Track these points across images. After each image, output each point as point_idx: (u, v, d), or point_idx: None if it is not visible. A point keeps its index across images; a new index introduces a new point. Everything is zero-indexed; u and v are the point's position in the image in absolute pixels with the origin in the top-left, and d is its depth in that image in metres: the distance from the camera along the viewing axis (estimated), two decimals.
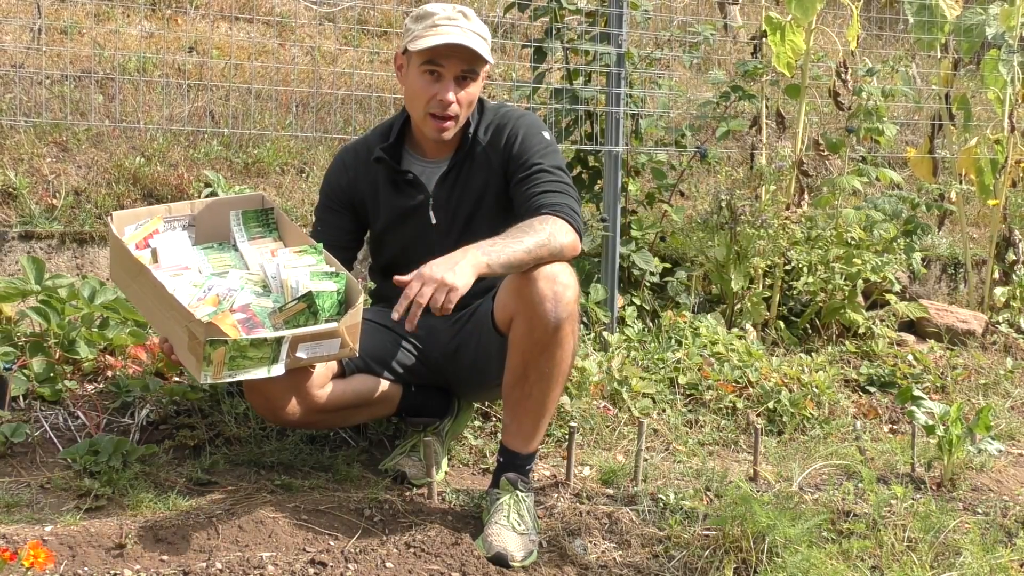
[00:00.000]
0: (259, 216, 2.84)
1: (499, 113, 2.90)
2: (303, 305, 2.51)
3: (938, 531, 2.70)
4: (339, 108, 4.75)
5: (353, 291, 2.60)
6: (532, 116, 2.92)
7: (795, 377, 3.91)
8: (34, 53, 4.57)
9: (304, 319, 2.53)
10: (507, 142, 2.83)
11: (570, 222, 2.65)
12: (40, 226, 3.88)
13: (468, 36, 2.73)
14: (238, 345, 2.38)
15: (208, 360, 2.36)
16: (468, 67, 2.76)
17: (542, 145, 2.81)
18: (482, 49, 2.74)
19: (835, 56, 4.76)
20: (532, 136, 2.82)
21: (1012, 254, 5.24)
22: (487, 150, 2.86)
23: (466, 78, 2.77)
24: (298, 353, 2.50)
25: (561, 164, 2.81)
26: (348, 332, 2.54)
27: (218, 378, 2.40)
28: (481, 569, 2.47)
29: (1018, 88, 5.17)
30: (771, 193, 4.71)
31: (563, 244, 2.59)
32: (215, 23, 5.63)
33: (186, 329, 2.41)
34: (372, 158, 2.92)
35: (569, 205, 2.69)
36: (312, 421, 2.82)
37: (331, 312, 2.56)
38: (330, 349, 2.55)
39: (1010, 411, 4.14)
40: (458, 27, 2.73)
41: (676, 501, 2.85)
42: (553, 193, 2.71)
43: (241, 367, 2.41)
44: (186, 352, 2.45)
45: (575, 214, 2.69)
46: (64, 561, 2.28)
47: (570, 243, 2.62)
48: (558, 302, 2.55)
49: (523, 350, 2.61)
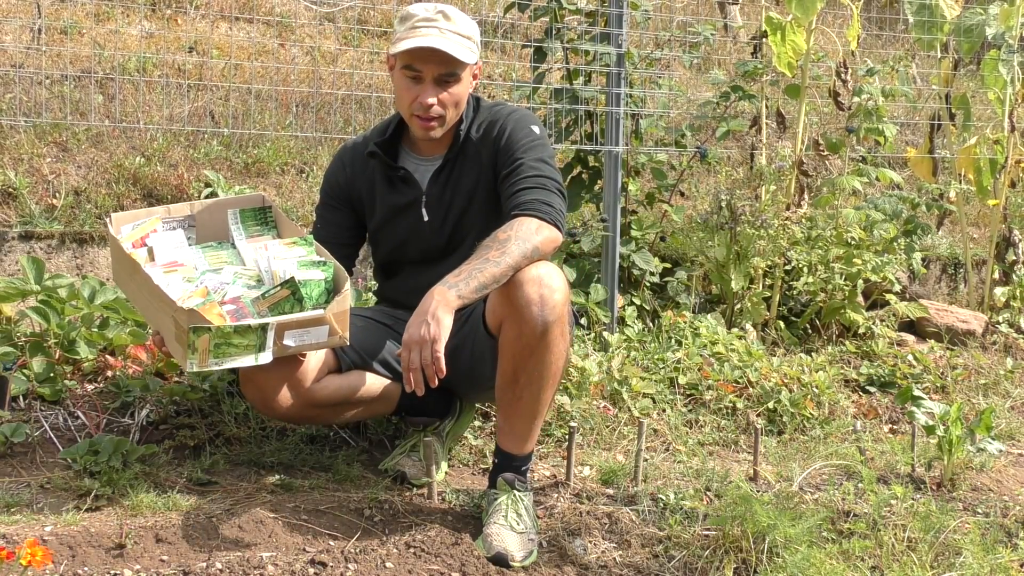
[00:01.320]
0: (257, 214, 2.85)
1: (492, 111, 2.89)
2: (287, 292, 2.52)
3: (938, 531, 2.70)
4: (339, 108, 4.75)
5: (340, 279, 2.61)
6: (523, 111, 2.90)
7: (795, 377, 3.91)
8: (34, 53, 4.57)
9: (289, 306, 2.53)
10: (496, 137, 2.82)
11: (541, 216, 2.63)
12: (40, 226, 3.88)
13: (445, 38, 2.70)
14: (222, 332, 2.39)
15: (193, 348, 2.38)
16: (446, 70, 2.74)
17: (528, 139, 2.79)
18: (458, 51, 2.71)
19: (835, 56, 4.76)
20: (519, 130, 2.81)
21: (1012, 254, 5.24)
22: (479, 147, 2.85)
23: (447, 80, 2.75)
24: (285, 341, 2.50)
25: (544, 156, 2.77)
26: (336, 319, 2.54)
27: (204, 366, 2.41)
28: (481, 569, 2.47)
29: (1018, 88, 5.17)
30: (771, 193, 4.71)
31: (536, 243, 2.56)
32: (215, 23, 5.63)
33: (172, 319, 2.43)
34: (366, 152, 2.93)
35: (541, 199, 2.66)
36: (309, 416, 2.82)
37: (319, 300, 2.56)
38: (319, 337, 2.55)
39: (1010, 411, 4.14)
40: (436, 28, 2.70)
41: (676, 501, 2.85)
42: (527, 191, 2.69)
43: (227, 355, 2.42)
44: (174, 342, 2.47)
45: (548, 207, 2.65)
46: (64, 561, 2.27)
47: (543, 239, 2.59)
48: (544, 305, 2.53)
49: (512, 354, 2.60)
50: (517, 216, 2.63)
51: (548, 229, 2.62)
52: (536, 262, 2.56)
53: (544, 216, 2.64)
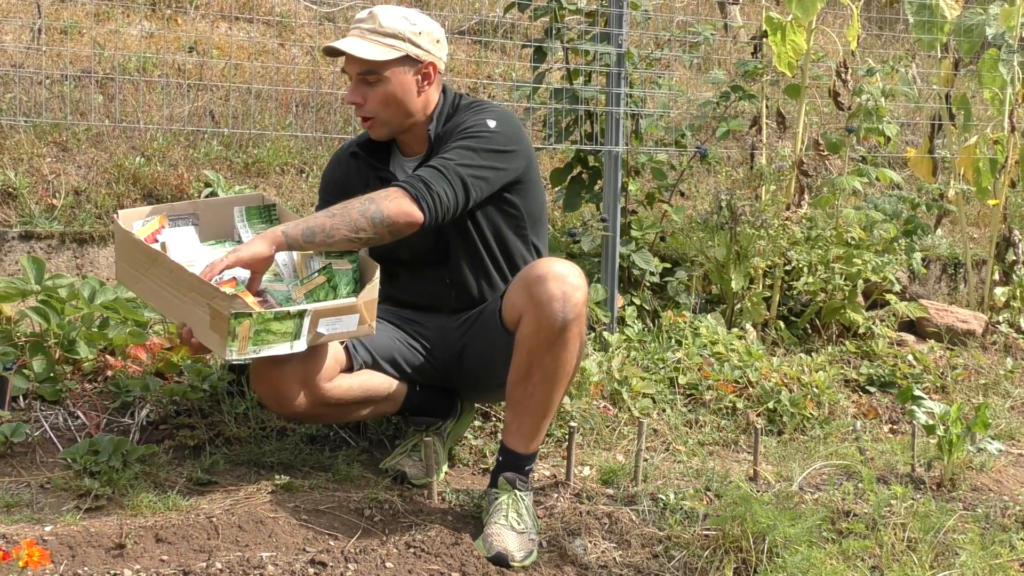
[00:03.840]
0: (262, 212, 2.87)
1: (470, 108, 2.86)
2: (323, 279, 2.54)
3: (938, 531, 2.70)
4: (339, 108, 4.75)
5: (368, 268, 2.62)
6: (496, 109, 2.86)
7: (795, 377, 3.91)
8: (34, 53, 4.57)
9: (324, 293, 2.55)
10: (454, 130, 2.80)
11: (407, 191, 2.60)
12: (40, 226, 3.88)
13: (356, 40, 2.73)
14: (263, 318, 2.40)
15: (233, 335, 2.37)
16: (362, 69, 2.75)
17: (474, 128, 2.75)
18: (368, 51, 2.71)
19: (835, 56, 4.76)
20: (470, 121, 2.78)
21: (1012, 254, 5.24)
22: (445, 143, 2.83)
23: (367, 79, 2.76)
24: (319, 328, 2.51)
25: (474, 145, 2.72)
26: (366, 308, 2.56)
27: (243, 353, 2.41)
28: (481, 569, 2.47)
29: (1018, 88, 5.17)
30: (771, 193, 4.71)
31: (383, 209, 2.55)
32: (215, 23, 5.63)
33: (208, 308, 2.41)
34: (348, 153, 2.96)
35: (423, 177, 2.63)
36: (318, 414, 2.81)
37: (348, 290, 2.59)
38: (349, 325, 2.56)
39: (1010, 411, 4.15)
40: (357, 28, 2.76)
41: (676, 501, 2.85)
42: (423, 168, 2.69)
43: (265, 342, 2.42)
44: (208, 331, 2.44)
45: (423, 186, 2.61)
46: (64, 561, 2.28)
47: (396, 209, 2.56)
48: (567, 302, 2.56)
49: (529, 348, 2.61)
50: (388, 189, 2.64)
51: (407, 203, 2.59)
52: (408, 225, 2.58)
53: (410, 191, 2.61)
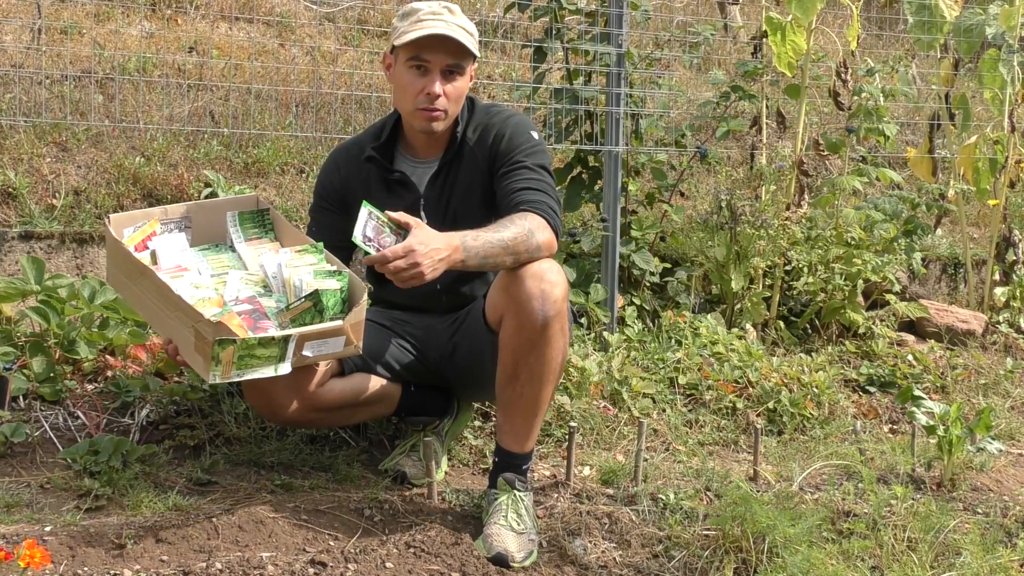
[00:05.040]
0: (255, 217, 2.83)
1: (488, 112, 2.89)
2: (309, 304, 2.52)
3: (938, 531, 2.70)
4: (339, 108, 4.74)
5: (356, 289, 2.60)
6: (521, 116, 2.92)
7: (795, 377, 3.91)
8: (34, 53, 4.56)
9: (310, 318, 2.53)
10: (494, 141, 2.82)
11: (548, 220, 2.65)
12: (40, 226, 3.88)
13: (453, 29, 2.73)
14: (247, 344, 2.39)
15: (217, 360, 2.37)
16: (454, 61, 2.75)
17: (529, 144, 2.81)
18: (468, 42, 2.74)
19: (835, 56, 4.76)
20: (519, 135, 2.82)
21: (1012, 254, 5.24)
22: (475, 150, 2.85)
23: (452, 72, 2.77)
24: (304, 351, 2.50)
25: (545, 164, 2.80)
26: (352, 330, 2.55)
27: (227, 377, 2.40)
28: (481, 569, 2.47)
29: (1018, 88, 5.17)
30: (771, 193, 4.71)
31: (540, 242, 2.59)
32: (215, 23, 5.63)
33: (193, 330, 2.40)
34: (363, 157, 2.92)
35: (548, 204, 2.69)
36: (312, 419, 2.82)
37: (335, 310, 2.56)
38: (335, 347, 2.55)
39: (1010, 411, 4.14)
40: (443, 21, 2.73)
41: (676, 501, 2.85)
42: (533, 191, 2.71)
43: (249, 366, 2.42)
44: (193, 353, 2.44)
45: (554, 213, 2.68)
46: (64, 561, 2.27)
47: (547, 240, 2.62)
48: (545, 300, 2.55)
49: (513, 348, 2.61)
50: (528, 212, 2.64)
51: (551, 234, 2.65)
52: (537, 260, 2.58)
53: (551, 222, 2.66)
